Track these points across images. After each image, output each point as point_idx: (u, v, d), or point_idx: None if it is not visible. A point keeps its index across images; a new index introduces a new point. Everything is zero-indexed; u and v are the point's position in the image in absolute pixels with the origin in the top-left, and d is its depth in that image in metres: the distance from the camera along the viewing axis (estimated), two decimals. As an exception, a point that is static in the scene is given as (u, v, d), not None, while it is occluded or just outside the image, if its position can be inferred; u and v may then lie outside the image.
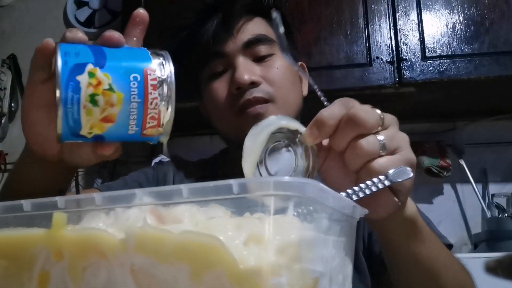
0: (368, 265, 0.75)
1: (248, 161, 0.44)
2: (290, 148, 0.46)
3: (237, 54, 0.78)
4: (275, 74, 0.78)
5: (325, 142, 0.47)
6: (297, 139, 0.46)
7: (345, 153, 0.45)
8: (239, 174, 0.82)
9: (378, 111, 0.46)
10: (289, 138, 0.46)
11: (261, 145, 0.44)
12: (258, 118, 0.76)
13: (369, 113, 0.45)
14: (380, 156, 0.44)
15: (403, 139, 0.46)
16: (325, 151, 0.47)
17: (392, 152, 0.45)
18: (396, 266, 0.59)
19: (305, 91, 0.87)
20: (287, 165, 0.46)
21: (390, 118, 0.47)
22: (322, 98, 0.50)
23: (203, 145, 1.75)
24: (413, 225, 0.52)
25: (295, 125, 0.46)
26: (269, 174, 0.45)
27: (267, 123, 0.45)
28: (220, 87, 0.79)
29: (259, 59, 0.79)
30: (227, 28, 0.79)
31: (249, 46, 0.78)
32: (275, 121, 0.45)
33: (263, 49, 0.79)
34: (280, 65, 0.79)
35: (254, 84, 0.76)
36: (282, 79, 0.79)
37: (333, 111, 0.45)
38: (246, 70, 0.76)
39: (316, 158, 0.46)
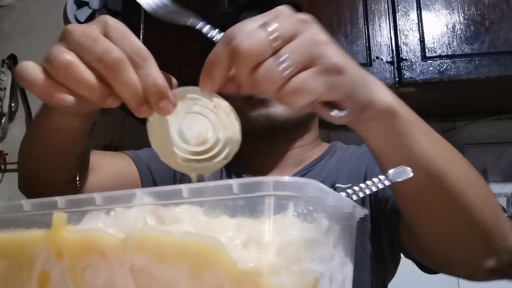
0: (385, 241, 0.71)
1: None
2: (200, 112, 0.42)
3: None
4: None
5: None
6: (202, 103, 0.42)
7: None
8: (250, 171, 0.80)
9: (268, 28, 0.37)
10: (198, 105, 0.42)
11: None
12: (264, 103, 0.76)
13: (251, 38, 0.36)
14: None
15: (296, 21, 0.38)
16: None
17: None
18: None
19: None
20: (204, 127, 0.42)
21: (282, 16, 0.38)
22: (209, 34, 0.43)
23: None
24: (393, 119, 0.46)
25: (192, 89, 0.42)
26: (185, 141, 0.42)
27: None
28: None
29: None
30: None
31: None
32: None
33: None
34: None
35: None
36: None
37: (215, 53, 0.38)
38: None
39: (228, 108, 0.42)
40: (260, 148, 0.83)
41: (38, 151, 0.55)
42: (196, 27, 0.45)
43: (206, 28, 0.44)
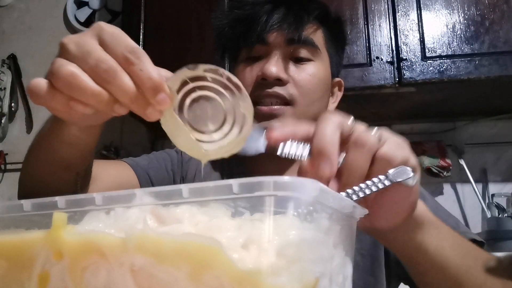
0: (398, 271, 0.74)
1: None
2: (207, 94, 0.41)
3: (278, 47, 0.77)
4: (305, 79, 0.77)
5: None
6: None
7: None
8: (255, 174, 0.80)
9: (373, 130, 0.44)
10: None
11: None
12: (269, 118, 0.75)
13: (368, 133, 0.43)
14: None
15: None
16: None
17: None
18: (414, 268, 0.56)
19: (331, 108, 0.85)
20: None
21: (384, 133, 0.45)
22: None
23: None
24: (423, 222, 0.51)
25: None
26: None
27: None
28: (251, 71, 0.78)
29: (296, 60, 0.78)
30: (285, 20, 0.77)
31: (291, 44, 0.77)
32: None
33: (303, 52, 0.78)
34: (313, 72, 0.78)
35: (280, 81, 0.75)
36: (310, 87, 0.77)
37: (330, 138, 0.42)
38: (278, 64, 0.76)
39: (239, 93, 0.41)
40: (266, 155, 0.83)
41: (45, 165, 0.56)
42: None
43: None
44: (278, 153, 0.44)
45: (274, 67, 0.75)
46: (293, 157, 0.44)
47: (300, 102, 0.76)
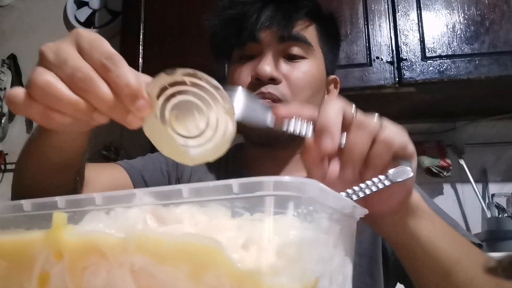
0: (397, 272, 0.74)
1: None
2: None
3: (270, 45, 0.77)
4: (298, 77, 0.77)
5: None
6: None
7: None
8: (252, 172, 0.79)
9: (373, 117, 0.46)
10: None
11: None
12: None
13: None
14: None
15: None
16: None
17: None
18: (409, 263, 0.57)
19: None
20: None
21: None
22: None
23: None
24: (416, 210, 0.52)
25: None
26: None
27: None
28: (244, 71, 0.78)
29: (289, 58, 0.78)
30: (275, 18, 0.77)
31: (283, 41, 0.77)
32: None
33: (295, 49, 0.78)
34: (307, 70, 0.78)
35: (273, 81, 0.75)
36: (304, 84, 0.77)
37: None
38: (271, 64, 0.76)
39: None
40: (263, 153, 0.83)
41: (37, 168, 0.56)
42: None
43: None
44: (284, 128, 0.46)
45: (267, 66, 0.75)
46: (297, 134, 0.46)
47: (294, 100, 0.76)
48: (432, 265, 0.53)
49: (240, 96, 0.45)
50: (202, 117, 0.41)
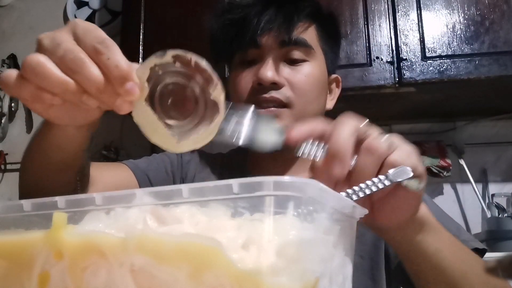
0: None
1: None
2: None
3: (271, 50, 0.77)
4: (300, 80, 0.77)
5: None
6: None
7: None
8: (256, 173, 0.80)
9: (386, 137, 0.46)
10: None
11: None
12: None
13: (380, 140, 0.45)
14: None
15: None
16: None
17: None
18: (414, 271, 0.57)
19: (330, 105, 0.85)
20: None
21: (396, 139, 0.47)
22: None
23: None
24: (424, 224, 0.52)
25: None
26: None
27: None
28: (246, 77, 0.78)
29: (291, 62, 0.78)
30: (275, 21, 0.77)
31: (284, 46, 0.77)
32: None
33: (297, 53, 0.78)
34: (309, 73, 0.78)
35: (276, 85, 0.75)
36: (307, 87, 0.77)
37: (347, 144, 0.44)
38: (272, 68, 0.76)
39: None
40: (267, 155, 0.83)
41: (39, 167, 0.56)
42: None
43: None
44: (298, 153, 0.46)
45: (269, 71, 0.75)
46: (310, 157, 0.46)
47: (297, 104, 0.76)
48: (438, 277, 0.54)
49: (251, 118, 0.44)
50: (191, 102, 0.40)
